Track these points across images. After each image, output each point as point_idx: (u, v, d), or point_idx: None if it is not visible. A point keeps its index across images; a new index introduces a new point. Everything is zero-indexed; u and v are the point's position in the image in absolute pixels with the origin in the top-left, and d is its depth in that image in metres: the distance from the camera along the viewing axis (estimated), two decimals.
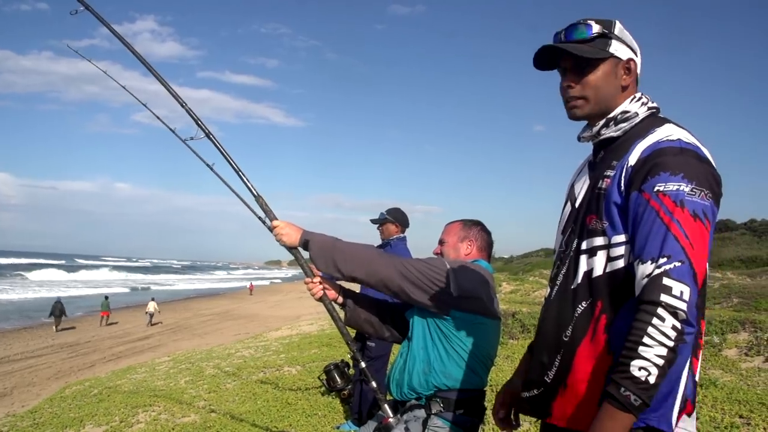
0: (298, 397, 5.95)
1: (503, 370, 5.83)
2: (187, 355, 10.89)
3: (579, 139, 1.56)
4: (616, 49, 1.45)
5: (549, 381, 1.46)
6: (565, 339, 1.43)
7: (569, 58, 1.47)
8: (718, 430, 3.85)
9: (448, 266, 2.02)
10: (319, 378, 2.30)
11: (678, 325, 1.18)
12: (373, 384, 2.16)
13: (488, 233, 2.32)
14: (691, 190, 1.25)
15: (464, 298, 2.00)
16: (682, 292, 1.19)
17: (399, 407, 2.16)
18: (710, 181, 1.29)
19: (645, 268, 1.25)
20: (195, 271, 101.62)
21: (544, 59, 1.54)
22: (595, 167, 1.50)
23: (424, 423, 2.02)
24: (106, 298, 22.97)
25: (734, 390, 4.77)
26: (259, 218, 2.26)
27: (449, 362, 2.03)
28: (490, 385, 2.51)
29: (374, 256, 2.02)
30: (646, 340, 1.18)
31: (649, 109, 1.46)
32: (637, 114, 1.45)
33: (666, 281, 1.20)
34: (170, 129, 2.51)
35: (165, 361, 10.50)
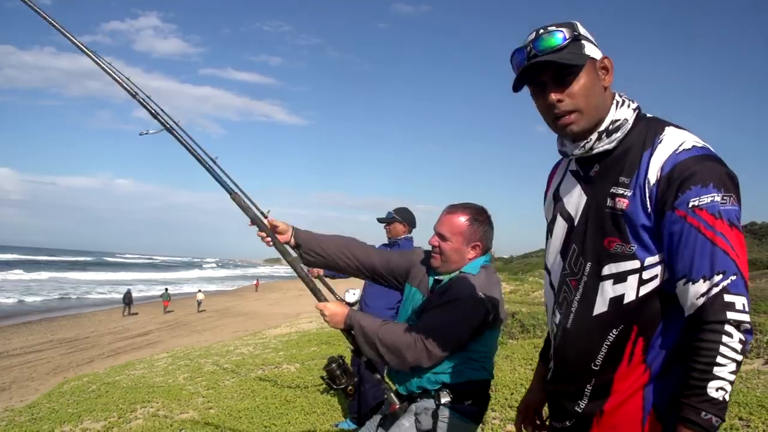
0: (296, 395, 5.95)
1: (502, 369, 5.82)
2: (185, 352, 10.88)
3: (565, 155, 1.47)
4: (590, 50, 1.35)
5: (581, 411, 1.40)
6: (596, 368, 1.37)
7: (549, 70, 1.34)
8: None
9: (467, 324, 1.99)
10: (321, 378, 2.26)
11: (743, 337, 1.18)
12: (377, 376, 2.17)
13: (492, 227, 2.20)
14: (722, 198, 1.22)
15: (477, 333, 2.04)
16: (744, 305, 1.20)
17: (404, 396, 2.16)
18: (732, 183, 1.25)
19: (698, 288, 1.21)
20: (223, 268, 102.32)
21: (524, 77, 1.38)
22: (591, 181, 1.41)
23: (434, 414, 2.02)
24: (166, 290, 27.73)
25: (733, 392, 4.76)
26: (262, 213, 2.23)
27: (458, 361, 2.03)
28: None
29: (410, 344, 1.97)
30: (720, 360, 1.17)
31: (634, 110, 1.39)
32: (626, 120, 1.37)
33: (728, 298, 1.19)
34: (175, 136, 2.39)
35: (164, 357, 10.49)
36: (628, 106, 1.39)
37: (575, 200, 1.44)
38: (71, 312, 24.47)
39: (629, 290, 1.32)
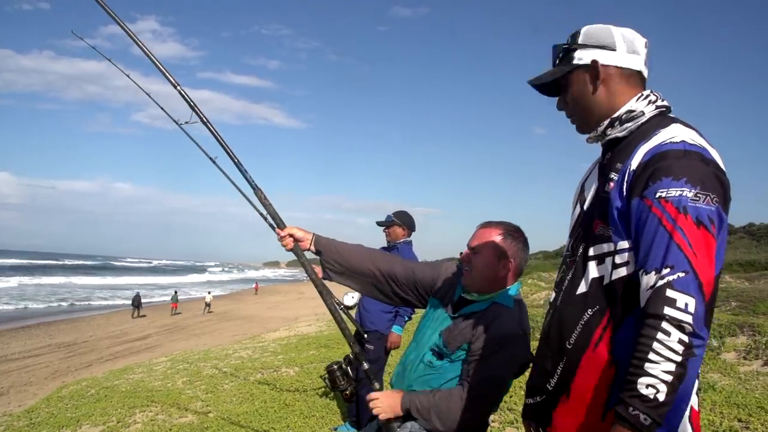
0: (295, 398, 5.94)
1: None
2: (184, 356, 10.86)
3: (588, 141, 1.51)
4: (580, 57, 1.43)
5: (551, 389, 1.43)
6: (569, 346, 1.39)
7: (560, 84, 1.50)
8: None
9: (514, 368, 1.93)
10: (321, 377, 2.25)
11: (685, 338, 1.13)
12: (376, 385, 2.14)
13: (528, 247, 2.05)
14: (695, 195, 1.19)
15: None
16: (686, 304, 1.14)
17: None
18: (715, 184, 1.22)
19: (648, 279, 1.19)
20: (228, 273, 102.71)
21: (546, 88, 1.55)
22: (603, 169, 1.45)
23: None
24: (176, 292, 29.15)
25: (733, 394, 4.76)
26: (261, 213, 2.22)
27: None
28: None
29: (458, 407, 1.89)
30: (652, 356, 1.13)
31: (657, 107, 1.40)
32: (643, 113, 1.39)
33: (669, 293, 1.15)
34: (173, 120, 2.43)
35: (162, 361, 10.47)
36: (651, 101, 1.40)
37: (591, 187, 1.49)
38: (73, 316, 24.39)
39: (606, 273, 1.35)
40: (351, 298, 4.82)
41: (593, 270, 1.37)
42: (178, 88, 2.16)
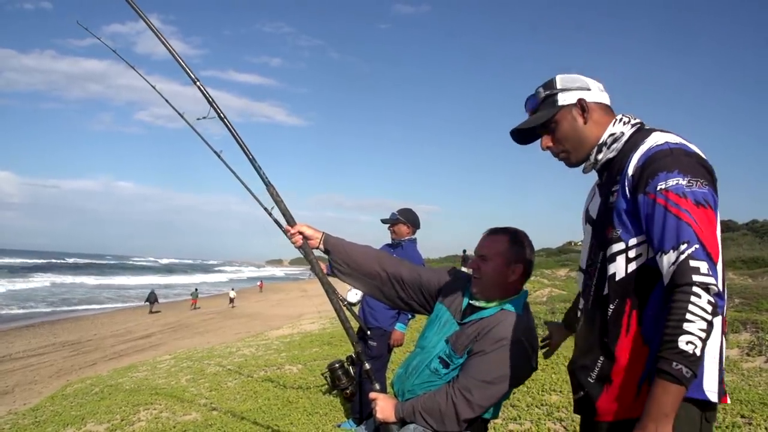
0: (299, 396, 5.96)
1: None
2: (188, 354, 10.89)
3: (584, 171, 1.70)
4: (564, 99, 1.66)
5: (593, 381, 1.57)
6: (606, 341, 1.54)
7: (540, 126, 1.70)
8: (720, 429, 3.84)
9: (512, 377, 1.92)
10: (322, 375, 2.27)
11: (712, 299, 1.31)
12: (377, 386, 2.13)
13: (534, 251, 2.07)
14: (689, 182, 1.41)
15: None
16: (708, 270, 1.32)
17: None
18: (702, 170, 1.44)
19: (669, 257, 1.37)
20: (240, 272, 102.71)
21: (523, 136, 1.77)
22: (603, 187, 1.66)
23: None
24: (196, 289, 30.73)
25: (736, 390, 4.77)
26: (264, 208, 2.22)
27: None
28: None
29: (445, 403, 1.91)
30: (689, 316, 1.29)
31: (633, 126, 1.62)
32: (623, 133, 1.61)
33: (693, 263, 1.33)
34: (178, 112, 2.45)
35: (166, 359, 10.51)
36: (626, 122, 1.63)
37: (595, 205, 1.69)
38: (78, 314, 24.45)
39: (620, 268, 1.53)
40: (354, 294, 4.83)
41: (610, 269, 1.55)
42: (198, 83, 2.18)
